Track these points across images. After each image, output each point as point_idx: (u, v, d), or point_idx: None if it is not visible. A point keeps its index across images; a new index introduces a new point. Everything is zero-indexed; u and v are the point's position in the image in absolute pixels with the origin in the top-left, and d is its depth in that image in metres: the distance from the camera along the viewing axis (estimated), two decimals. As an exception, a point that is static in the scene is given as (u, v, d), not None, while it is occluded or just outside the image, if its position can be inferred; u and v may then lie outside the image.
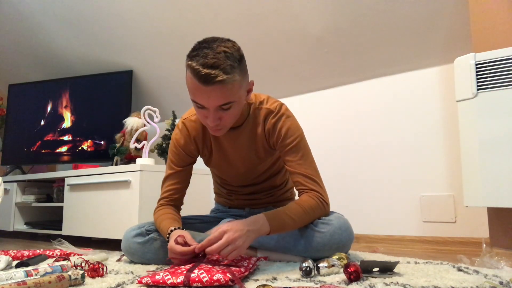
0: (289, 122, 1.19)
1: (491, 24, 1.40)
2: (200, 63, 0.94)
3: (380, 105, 1.92)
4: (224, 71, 0.94)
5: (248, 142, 1.23)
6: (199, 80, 0.95)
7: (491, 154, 1.27)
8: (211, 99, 0.98)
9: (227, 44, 0.99)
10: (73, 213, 2.05)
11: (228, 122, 1.07)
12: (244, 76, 1.04)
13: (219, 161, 1.29)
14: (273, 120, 1.19)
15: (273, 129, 1.19)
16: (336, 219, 1.15)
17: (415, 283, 0.87)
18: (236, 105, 1.04)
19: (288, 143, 1.17)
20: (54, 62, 2.94)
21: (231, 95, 0.99)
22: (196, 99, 1.00)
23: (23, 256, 1.42)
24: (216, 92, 0.97)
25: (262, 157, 1.26)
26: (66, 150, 2.62)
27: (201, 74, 0.94)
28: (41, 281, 0.84)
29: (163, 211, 1.24)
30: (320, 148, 2.01)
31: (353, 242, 1.19)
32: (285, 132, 1.17)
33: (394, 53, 1.85)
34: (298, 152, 1.17)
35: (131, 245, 1.25)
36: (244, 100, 1.10)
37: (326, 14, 1.85)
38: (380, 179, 1.89)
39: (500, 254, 1.09)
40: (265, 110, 1.20)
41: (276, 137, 1.19)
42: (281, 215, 1.07)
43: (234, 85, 0.98)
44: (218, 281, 0.86)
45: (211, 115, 1.02)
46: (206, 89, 0.96)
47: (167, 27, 2.29)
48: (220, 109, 1.01)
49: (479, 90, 1.30)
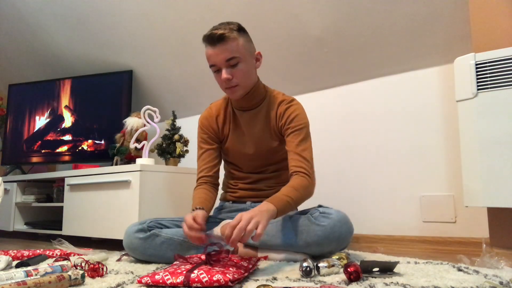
0: (299, 110, 1.34)
1: (491, 24, 1.40)
2: (208, 31, 1.22)
3: (380, 105, 1.92)
4: (224, 29, 1.20)
5: (262, 124, 1.36)
6: (208, 42, 1.21)
7: (491, 154, 1.27)
8: (219, 55, 1.21)
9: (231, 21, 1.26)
10: (73, 213, 2.05)
11: (239, 78, 1.25)
12: (247, 41, 1.27)
13: (235, 141, 1.41)
14: (285, 106, 1.34)
15: (284, 113, 1.33)
16: (336, 212, 1.18)
17: (415, 283, 0.87)
18: (243, 63, 1.24)
19: (293, 126, 1.30)
20: (54, 62, 2.94)
21: (234, 50, 1.21)
22: (210, 62, 1.24)
23: (23, 256, 1.42)
24: (221, 48, 1.20)
25: (274, 140, 1.37)
26: (66, 150, 2.62)
27: (207, 35, 1.21)
28: (41, 281, 0.84)
29: (198, 191, 1.36)
30: (320, 148, 2.01)
31: (353, 242, 1.20)
32: (293, 117, 1.31)
33: (394, 53, 1.85)
34: (300, 135, 1.29)
35: (133, 240, 1.26)
36: (253, 65, 1.30)
37: (326, 14, 1.85)
38: (380, 179, 1.88)
39: (500, 254, 1.09)
40: (280, 98, 1.38)
41: (284, 120, 1.32)
42: (278, 196, 1.14)
43: (236, 41, 1.21)
44: (218, 281, 0.86)
45: (223, 71, 1.22)
46: (214, 49, 1.21)
47: (167, 27, 2.29)
48: (229, 66, 1.22)
49: (479, 90, 1.30)
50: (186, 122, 2.42)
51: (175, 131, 2.13)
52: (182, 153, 2.09)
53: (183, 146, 2.10)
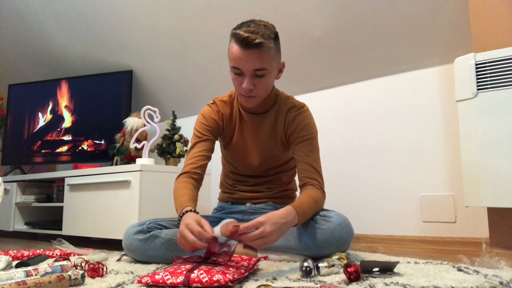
0: (308, 119, 1.30)
1: (491, 24, 1.40)
2: (243, 30, 1.09)
3: (380, 105, 1.92)
4: (262, 37, 1.08)
5: (269, 130, 1.32)
6: (241, 44, 1.08)
7: (491, 154, 1.27)
8: (249, 62, 1.10)
9: (267, 23, 1.16)
10: (73, 213, 2.05)
11: (260, 91, 1.17)
12: (278, 51, 1.18)
13: (238, 145, 1.36)
14: (295, 113, 1.30)
15: (293, 121, 1.29)
16: (336, 216, 1.18)
17: (415, 283, 0.87)
18: (268, 75, 1.15)
19: (302, 135, 1.27)
20: (54, 62, 2.94)
21: (266, 61, 1.12)
22: (235, 64, 1.12)
23: (23, 256, 1.42)
24: (253, 56, 1.09)
25: (278, 148, 1.33)
26: (66, 150, 2.62)
27: (242, 37, 1.07)
28: (41, 281, 0.83)
29: (184, 185, 1.22)
30: (320, 148, 2.01)
31: (353, 242, 1.20)
32: (303, 126, 1.27)
33: (394, 53, 1.85)
34: (310, 145, 1.26)
35: (132, 242, 1.25)
36: (275, 76, 1.21)
37: (326, 14, 1.85)
38: (380, 179, 1.88)
39: (500, 254, 1.09)
40: (290, 103, 1.32)
41: (293, 128, 1.28)
42: (304, 207, 1.11)
43: (270, 52, 1.11)
44: (218, 281, 0.86)
45: (247, 80, 1.13)
46: (245, 53, 1.09)
47: (167, 27, 2.29)
48: (255, 76, 1.13)
49: (479, 90, 1.30)
50: (186, 122, 2.42)
51: (175, 131, 2.13)
52: (182, 153, 2.09)
53: (183, 146, 2.10)
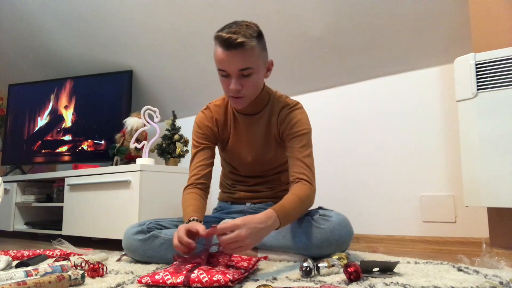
0: (301, 115, 1.28)
1: (491, 24, 1.40)
2: (224, 32, 1.09)
3: (380, 105, 1.92)
4: (244, 36, 1.07)
5: (264, 130, 1.31)
6: (223, 45, 1.08)
7: (491, 154, 1.27)
8: (232, 62, 1.09)
9: (250, 22, 1.14)
10: (73, 213, 2.05)
11: (248, 90, 1.16)
12: (263, 49, 1.16)
13: (234, 146, 1.36)
14: (287, 111, 1.28)
15: (285, 118, 1.28)
16: (336, 215, 1.18)
17: (415, 283, 0.87)
18: (255, 74, 1.14)
19: (295, 131, 1.25)
20: (54, 62, 2.94)
21: (250, 60, 1.10)
22: (221, 66, 1.12)
23: (23, 256, 1.42)
24: (237, 56, 1.08)
25: (274, 148, 1.33)
26: (66, 150, 2.62)
27: (224, 39, 1.07)
28: (41, 281, 0.84)
29: (190, 196, 1.24)
30: (320, 148, 2.01)
31: (353, 242, 1.20)
32: (295, 122, 1.26)
33: (394, 53, 1.85)
34: (302, 141, 1.24)
35: (132, 242, 1.25)
36: (263, 75, 1.21)
37: (326, 14, 1.85)
38: (380, 179, 1.88)
39: (500, 254, 1.09)
40: (283, 102, 1.31)
41: (286, 125, 1.27)
42: (287, 209, 1.08)
43: (253, 51, 1.10)
44: (218, 281, 0.86)
45: (233, 81, 1.12)
46: (229, 54, 1.08)
47: (167, 27, 2.29)
48: (241, 76, 1.12)
49: (479, 90, 1.30)
50: (186, 122, 2.42)
51: (175, 131, 2.13)
52: (182, 153, 2.09)
53: (183, 146, 2.10)
